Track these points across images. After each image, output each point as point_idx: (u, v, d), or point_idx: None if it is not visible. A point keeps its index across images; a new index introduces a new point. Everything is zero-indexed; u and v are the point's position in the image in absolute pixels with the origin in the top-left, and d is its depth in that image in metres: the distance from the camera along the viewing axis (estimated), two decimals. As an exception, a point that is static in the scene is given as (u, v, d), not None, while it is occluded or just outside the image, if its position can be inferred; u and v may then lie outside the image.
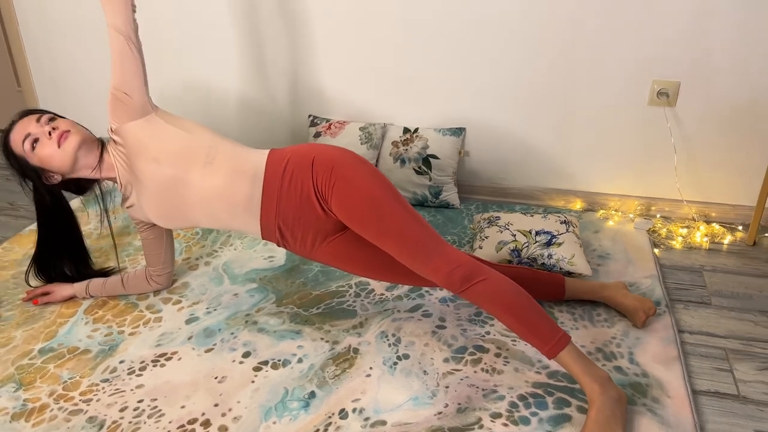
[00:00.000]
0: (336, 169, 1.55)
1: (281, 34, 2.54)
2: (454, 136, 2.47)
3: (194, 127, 1.67)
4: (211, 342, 1.74)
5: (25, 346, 1.74)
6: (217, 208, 1.62)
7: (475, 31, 2.32)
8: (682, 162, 2.33)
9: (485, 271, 1.48)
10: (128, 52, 1.64)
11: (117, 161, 1.68)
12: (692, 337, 1.73)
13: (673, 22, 2.13)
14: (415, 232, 1.52)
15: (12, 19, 2.86)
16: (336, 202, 1.55)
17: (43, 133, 1.63)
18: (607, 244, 2.20)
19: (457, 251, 1.52)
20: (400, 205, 1.55)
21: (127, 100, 1.64)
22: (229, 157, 1.62)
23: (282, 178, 1.58)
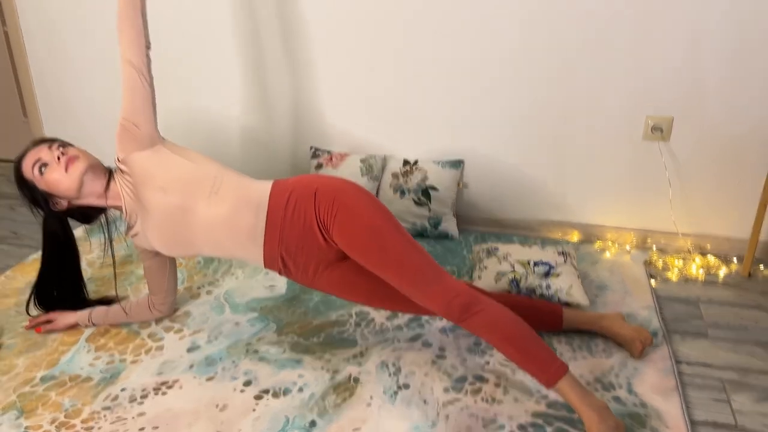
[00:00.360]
0: (338, 199, 1.58)
1: (284, 68, 2.60)
2: (452, 168, 2.52)
3: (200, 157, 1.71)
4: (212, 370, 1.75)
5: (27, 374, 1.74)
6: (222, 237, 1.65)
7: (475, 68, 2.39)
8: (676, 195, 2.38)
9: (484, 300, 1.51)
10: (139, 85, 1.69)
11: (123, 190, 1.71)
12: (690, 368, 1.75)
13: (665, 59, 2.20)
14: (415, 261, 1.55)
15: (21, 49, 2.93)
16: (337, 231, 1.59)
17: (53, 158, 1.68)
18: (605, 275, 2.23)
19: (457, 281, 1.55)
20: (400, 234, 1.58)
21: (135, 130, 1.68)
22: (233, 187, 1.65)
23: (285, 207, 1.61)
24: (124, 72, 1.69)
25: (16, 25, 2.88)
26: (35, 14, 2.83)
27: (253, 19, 2.55)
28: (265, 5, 2.51)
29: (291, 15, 2.50)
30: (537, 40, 2.29)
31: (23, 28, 2.88)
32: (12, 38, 2.93)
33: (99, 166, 1.74)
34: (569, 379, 1.45)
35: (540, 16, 2.25)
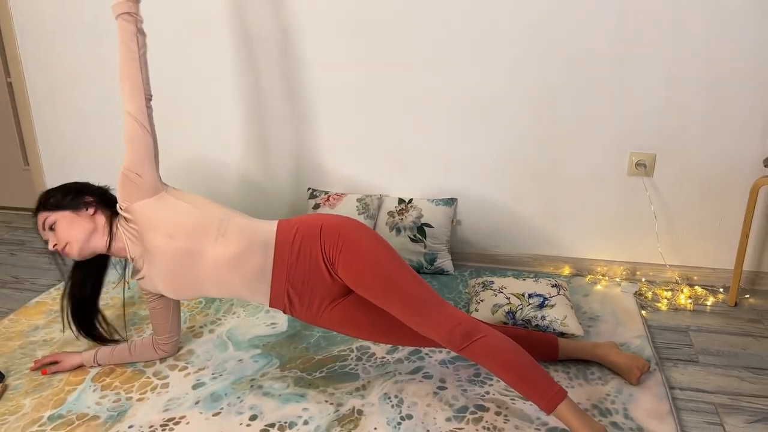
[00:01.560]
0: (342, 234, 1.65)
1: (282, 111, 2.70)
2: (446, 206, 2.61)
3: (204, 201, 1.77)
4: (218, 406, 1.78)
5: (34, 414, 1.76)
6: (230, 279, 1.70)
7: (466, 109, 2.51)
8: (662, 228, 2.47)
9: (484, 329, 1.57)
10: (140, 135, 1.74)
11: (127, 238, 1.75)
12: (683, 393, 1.80)
13: (645, 97, 2.33)
14: (417, 292, 1.61)
15: (24, 99, 3.02)
16: (343, 265, 1.65)
17: (51, 242, 1.75)
18: (596, 306, 2.30)
19: (457, 310, 1.61)
20: (402, 267, 1.65)
21: (138, 180, 1.72)
22: (240, 229, 1.71)
23: (292, 244, 1.68)
24: (126, 123, 1.74)
25: (20, 76, 2.98)
26: (38, 65, 2.94)
27: (252, 64, 2.66)
28: (264, 50, 2.62)
29: (288, 58, 2.61)
30: (525, 83, 2.41)
31: (27, 79, 2.98)
32: (16, 88, 3.03)
33: (91, 230, 1.76)
34: (568, 403, 1.50)
35: (527, 61, 2.38)
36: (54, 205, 1.75)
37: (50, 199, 1.77)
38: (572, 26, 2.30)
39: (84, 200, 1.78)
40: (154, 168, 1.76)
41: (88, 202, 1.78)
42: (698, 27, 2.21)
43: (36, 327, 2.25)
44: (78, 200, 1.77)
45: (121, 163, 1.74)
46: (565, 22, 2.30)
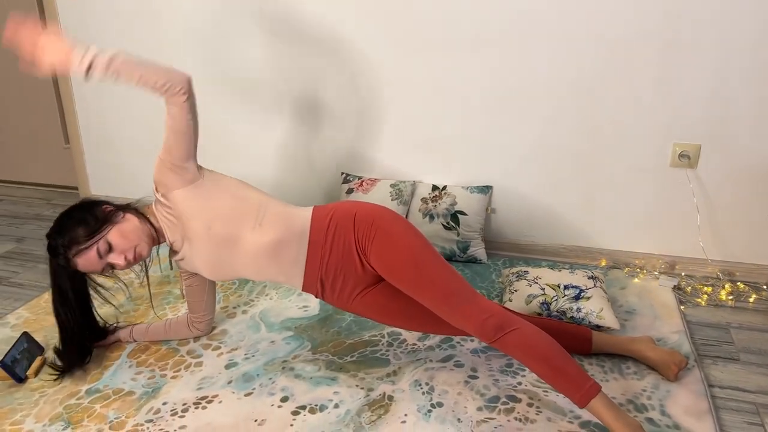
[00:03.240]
0: (376, 222, 1.64)
1: (317, 96, 2.70)
2: (481, 193, 2.57)
3: (241, 188, 1.74)
4: (250, 386, 1.79)
5: (72, 387, 1.81)
6: (266, 264, 1.70)
7: (503, 96, 2.46)
8: (705, 222, 2.40)
9: (517, 321, 1.54)
10: (189, 128, 1.65)
11: (165, 223, 1.72)
12: (722, 392, 1.75)
13: (692, 86, 2.25)
14: (449, 282, 1.60)
15: (66, 79, 3.07)
16: (375, 254, 1.64)
17: (118, 261, 1.67)
18: (633, 300, 2.25)
19: (489, 301, 1.59)
20: (435, 257, 1.63)
21: (180, 171, 1.65)
22: (276, 218, 1.70)
23: (326, 233, 1.67)
24: (174, 114, 1.62)
25: (63, 56, 3.02)
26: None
27: (286, 50, 2.66)
28: (299, 36, 2.61)
29: (324, 44, 2.60)
30: (564, 68, 2.35)
31: (69, 59, 3.02)
32: (58, 68, 3.07)
33: (138, 226, 1.70)
34: (602, 398, 1.47)
35: (567, 48, 2.32)
36: (89, 235, 1.64)
37: (80, 235, 1.64)
38: (614, 10, 2.23)
39: (104, 211, 1.70)
40: (195, 159, 1.70)
41: (110, 211, 1.71)
42: (748, 11, 2.12)
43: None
44: (100, 214, 1.68)
45: (160, 151, 1.66)
46: (607, 6, 2.23)
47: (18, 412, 1.70)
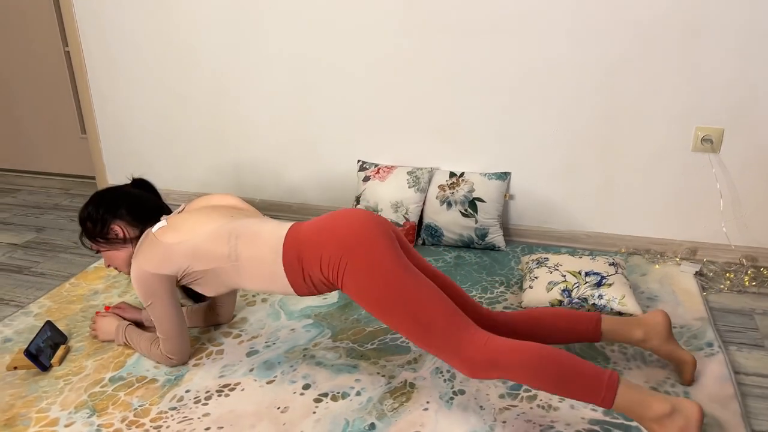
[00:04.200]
0: (344, 258, 1.56)
1: (332, 81, 2.68)
2: (499, 180, 2.55)
3: (202, 228, 1.71)
4: (271, 374, 1.80)
5: (96, 375, 1.82)
6: (259, 287, 1.71)
7: (521, 80, 2.43)
8: (728, 207, 2.37)
9: (505, 358, 1.44)
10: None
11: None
12: (748, 379, 1.74)
13: (715, 68, 2.21)
14: (426, 329, 1.50)
15: (82, 69, 3.07)
16: (346, 287, 1.58)
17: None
18: (655, 286, 2.23)
19: (474, 334, 1.49)
20: (413, 290, 1.52)
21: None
22: (249, 258, 1.65)
23: (300, 273, 1.63)
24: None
25: (77, 45, 3.03)
26: (96, 36, 2.98)
27: (299, 35, 2.64)
28: (312, 20, 2.59)
29: (339, 27, 2.58)
30: (584, 51, 2.32)
31: (84, 49, 3.03)
32: (73, 57, 3.08)
33: (129, 256, 1.84)
34: (622, 393, 1.39)
35: (587, 27, 2.28)
36: (88, 238, 1.83)
37: (86, 229, 1.82)
38: (639, -7, 2.19)
39: (108, 232, 1.80)
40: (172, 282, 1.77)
41: (113, 237, 1.81)
42: (777, -7, 2.07)
43: (95, 291, 2.31)
44: (103, 232, 1.80)
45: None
46: (632, -11, 2.20)
47: (43, 399, 1.72)
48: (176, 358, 1.82)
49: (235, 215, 1.77)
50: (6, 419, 1.65)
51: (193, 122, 2.97)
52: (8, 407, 1.69)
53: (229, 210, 1.81)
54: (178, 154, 3.08)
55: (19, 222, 3.00)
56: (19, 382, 1.80)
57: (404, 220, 2.57)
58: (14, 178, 3.65)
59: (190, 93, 2.92)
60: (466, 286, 2.26)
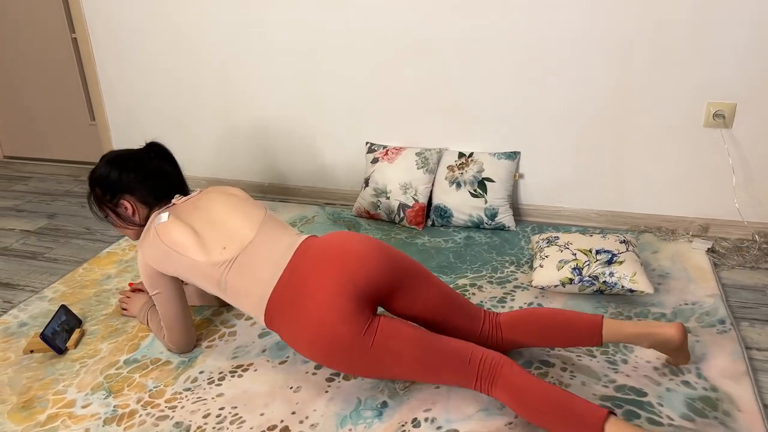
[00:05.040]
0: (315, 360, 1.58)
1: (339, 63, 2.67)
2: (508, 159, 2.54)
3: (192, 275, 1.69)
4: (284, 355, 1.81)
5: (111, 358, 1.85)
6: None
7: (530, 58, 2.41)
8: (740, 182, 2.34)
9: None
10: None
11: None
12: (760, 354, 1.73)
13: (727, 42, 2.17)
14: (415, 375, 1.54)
15: (89, 56, 3.08)
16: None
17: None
18: (666, 264, 2.22)
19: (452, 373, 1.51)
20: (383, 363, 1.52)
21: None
22: (236, 292, 1.64)
23: (276, 328, 1.64)
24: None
25: (85, 32, 3.03)
26: (102, 22, 2.98)
27: (306, 18, 2.62)
28: (324, 2, 2.58)
29: (345, 8, 2.56)
30: (594, 27, 2.29)
31: (91, 35, 3.03)
32: (81, 45, 3.08)
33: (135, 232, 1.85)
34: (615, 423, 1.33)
35: (597, 3, 2.25)
36: (98, 200, 1.81)
37: (95, 189, 1.81)
38: (649, -34, 2.16)
39: (121, 204, 1.79)
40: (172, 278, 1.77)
41: (122, 214, 1.80)
42: (791, -37, 2.03)
43: (108, 276, 2.34)
44: (115, 201, 1.79)
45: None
46: (642, -38, 2.16)
47: (60, 382, 1.75)
48: (175, 348, 1.83)
49: (234, 244, 1.67)
50: (24, 401, 1.67)
51: (201, 107, 2.97)
52: (26, 390, 1.72)
53: (230, 230, 1.70)
54: (186, 140, 3.09)
55: (31, 209, 3.03)
56: (36, 365, 1.83)
57: (413, 202, 2.56)
58: (25, 166, 3.68)
59: (198, 78, 2.92)
60: (476, 266, 2.26)
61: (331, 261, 1.58)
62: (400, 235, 2.53)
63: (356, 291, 1.53)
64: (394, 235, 2.53)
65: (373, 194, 2.64)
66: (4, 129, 3.76)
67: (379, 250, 1.61)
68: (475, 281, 2.15)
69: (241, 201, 1.79)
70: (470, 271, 2.22)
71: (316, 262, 1.59)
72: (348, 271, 1.55)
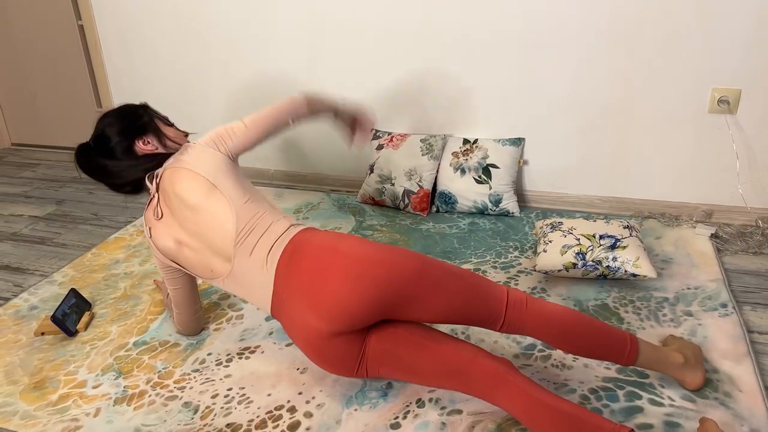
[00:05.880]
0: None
1: (345, 49, 2.67)
2: (513, 146, 2.55)
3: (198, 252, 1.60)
4: (290, 337, 1.84)
5: (120, 340, 1.88)
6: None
7: (534, 44, 2.41)
8: (744, 169, 2.35)
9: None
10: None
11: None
12: (762, 337, 1.75)
13: (732, 29, 2.17)
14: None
15: (96, 42, 3.09)
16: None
17: None
18: (670, 249, 2.23)
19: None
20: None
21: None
22: (242, 277, 1.55)
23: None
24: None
25: (91, 19, 3.04)
26: (109, 9, 2.99)
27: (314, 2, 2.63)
28: (328, -9, 2.59)
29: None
30: (598, 12, 2.29)
31: (97, 21, 3.04)
32: (87, 31, 3.10)
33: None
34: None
35: (602, -9, 2.25)
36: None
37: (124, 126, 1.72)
38: (655, -49, 2.15)
39: (139, 150, 1.72)
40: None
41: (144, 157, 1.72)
42: (797, -52, 2.03)
43: (116, 260, 2.36)
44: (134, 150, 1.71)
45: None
46: (647, -53, 2.16)
47: (71, 363, 1.78)
48: (183, 329, 1.86)
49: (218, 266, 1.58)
50: (35, 382, 1.71)
51: (207, 94, 2.98)
52: (37, 370, 1.75)
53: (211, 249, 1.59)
54: (192, 126, 3.08)
55: (40, 195, 3.06)
56: (47, 346, 1.86)
57: (418, 188, 2.58)
58: (32, 153, 3.70)
59: (205, 64, 2.93)
60: (480, 251, 2.28)
61: (310, 298, 1.43)
62: (404, 221, 2.55)
63: (336, 329, 1.41)
64: (398, 221, 2.55)
65: (378, 181, 2.66)
66: (12, 117, 3.78)
67: (370, 274, 1.40)
68: (479, 266, 2.17)
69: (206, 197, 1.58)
70: (474, 257, 2.24)
71: (300, 284, 1.45)
72: (324, 308, 1.41)
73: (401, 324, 1.47)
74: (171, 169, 1.63)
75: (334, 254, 1.45)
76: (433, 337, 1.45)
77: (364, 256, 1.43)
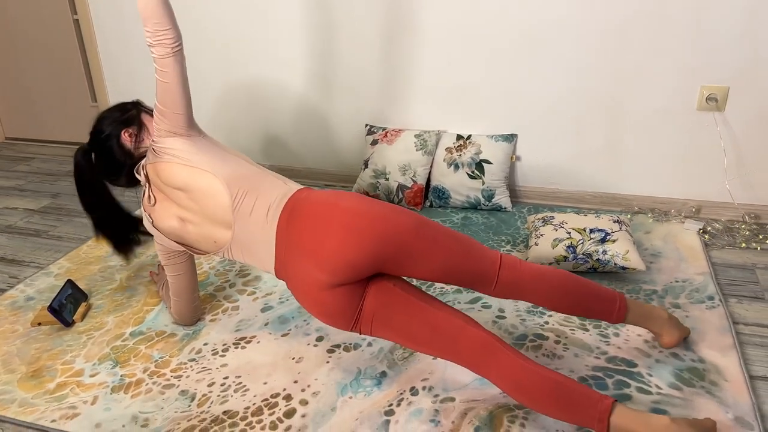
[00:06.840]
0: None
1: (341, 46, 2.70)
2: (505, 142, 2.58)
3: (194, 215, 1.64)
4: (286, 328, 1.87)
5: (117, 330, 1.90)
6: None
7: (526, 41, 2.44)
8: (732, 165, 2.39)
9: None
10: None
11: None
12: (747, 328, 1.79)
13: (721, 27, 2.21)
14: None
15: (91, 37, 3.10)
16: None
17: None
18: (659, 243, 2.27)
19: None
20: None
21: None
22: (245, 239, 1.57)
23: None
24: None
25: (87, 13, 3.05)
26: (104, 4, 3.00)
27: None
28: (323, -13, 2.61)
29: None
30: (589, 10, 2.33)
31: (93, 16, 3.05)
32: (83, 26, 3.11)
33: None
34: (622, 412, 1.31)
35: (594, -11, 2.29)
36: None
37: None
38: (646, -49, 2.19)
39: (122, 140, 1.83)
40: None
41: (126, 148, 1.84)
42: (785, -51, 2.07)
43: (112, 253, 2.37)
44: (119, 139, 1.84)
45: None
46: (638, -53, 2.19)
47: (68, 353, 1.80)
48: (180, 318, 1.89)
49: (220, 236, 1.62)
50: (33, 371, 1.72)
51: (203, 89, 3.00)
52: (34, 360, 1.77)
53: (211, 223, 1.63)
54: (187, 121, 3.12)
55: (35, 188, 3.06)
56: (44, 336, 1.88)
57: (412, 183, 2.61)
58: (27, 147, 3.70)
59: (200, 60, 2.94)
60: (473, 245, 2.31)
61: (311, 251, 1.46)
62: (398, 215, 2.57)
63: (337, 280, 1.44)
64: (392, 215, 2.58)
65: (373, 175, 2.68)
66: (6, 110, 3.79)
67: (369, 227, 1.45)
68: (472, 259, 2.20)
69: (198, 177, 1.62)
70: (467, 250, 2.27)
71: (301, 239, 1.49)
72: (325, 260, 1.44)
73: (399, 282, 1.51)
74: (151, 165, 1.69)
75: (334, 209, 1.49)
76: (427, 300, 1.49)
77: (365, 210, 1.47)
